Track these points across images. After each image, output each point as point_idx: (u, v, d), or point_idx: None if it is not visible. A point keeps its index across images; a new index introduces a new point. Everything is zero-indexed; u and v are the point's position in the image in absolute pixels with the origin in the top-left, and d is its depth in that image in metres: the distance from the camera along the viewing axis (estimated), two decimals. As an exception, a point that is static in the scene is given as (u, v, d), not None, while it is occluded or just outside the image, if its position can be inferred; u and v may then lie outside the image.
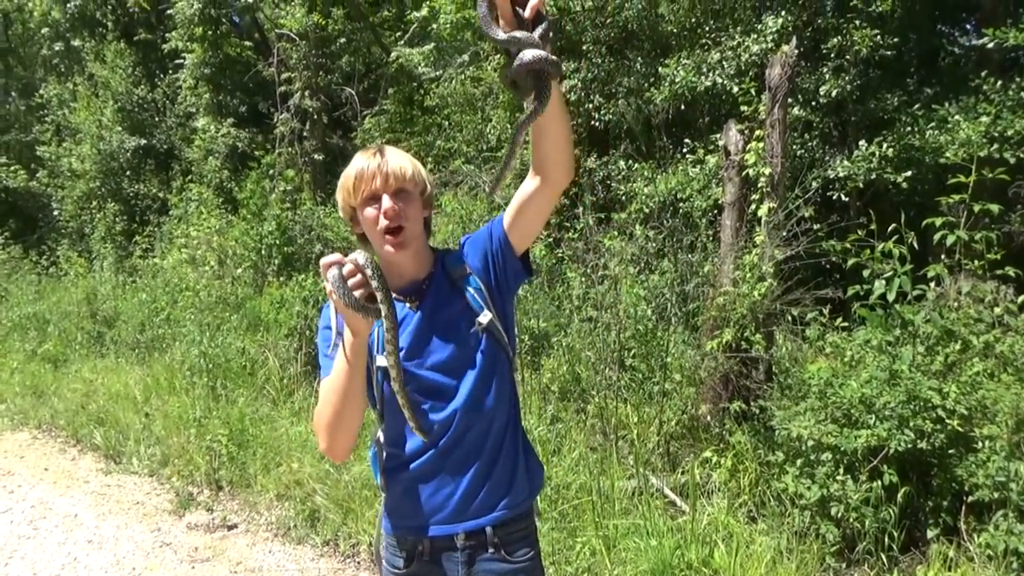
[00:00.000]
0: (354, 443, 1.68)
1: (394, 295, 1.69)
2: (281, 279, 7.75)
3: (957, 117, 7.09)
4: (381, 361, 1.65)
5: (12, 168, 16.66)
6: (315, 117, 11.42)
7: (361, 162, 1.66)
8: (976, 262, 4.25)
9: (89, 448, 6.12)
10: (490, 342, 1.69)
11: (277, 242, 8.20)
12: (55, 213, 15.58)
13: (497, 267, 1.71)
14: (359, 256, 1.48)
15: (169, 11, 12.81)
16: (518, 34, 1.39)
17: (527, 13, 1.39)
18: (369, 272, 1.47)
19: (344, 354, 1.54)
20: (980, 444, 3.57)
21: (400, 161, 1.67)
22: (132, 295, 9.48)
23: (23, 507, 4.98)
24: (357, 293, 1.45)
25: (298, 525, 4.42)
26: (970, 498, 3.46)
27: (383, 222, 1.64)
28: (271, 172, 9.54)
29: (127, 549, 4.31)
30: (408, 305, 1.71)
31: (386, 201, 1.64)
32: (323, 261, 1.48)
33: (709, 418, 4.62)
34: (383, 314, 1.49)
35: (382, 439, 1.74)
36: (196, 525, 4.60)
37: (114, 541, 4.42)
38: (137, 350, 8.17)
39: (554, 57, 1.39)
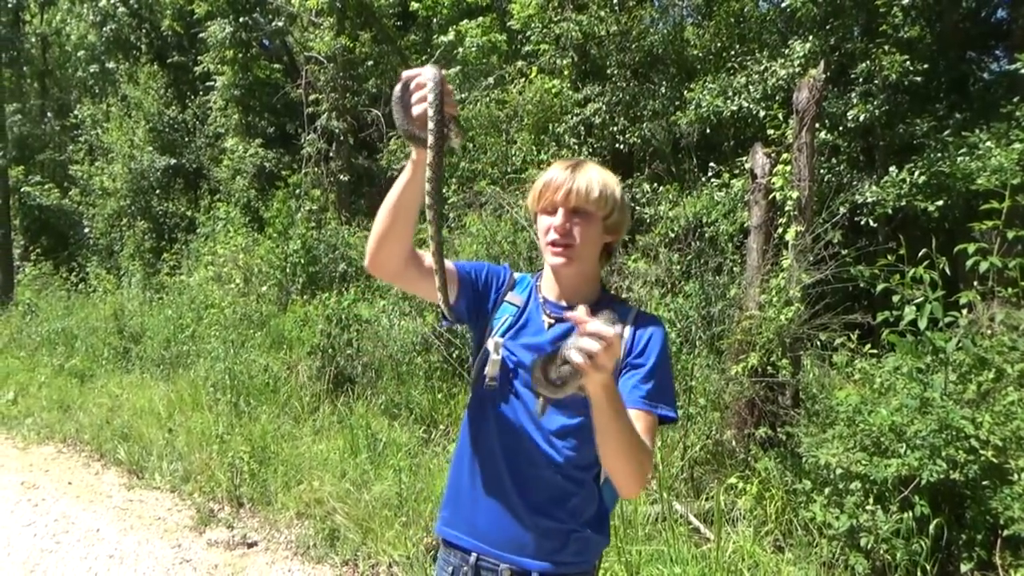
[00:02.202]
0: (391, 265, 1.63)
1: (541, 302, 1.70)
2: (305, 297, 7.81)
3: (989, 143, 7.00)
4: (489, 344, 1.65)
5: (46, 186, 17.04)
6: (341, 138, 11.57)
7: (554, 172, 1.64)
8: (1010, 289, 4.17)
9: (113, 463, 6.16)
10: None
11: (302, 261, 8.28)
12: (86, 230, 15.88)
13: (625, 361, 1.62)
14: (428, 71, 1.44)
15: (201, 35, 13.11)
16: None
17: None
18: (431, 94, 1.42)
19: (408, 164, 1.53)
20: (1016, 476, 3.47)
21: (590, 180, 1.61)
22: (158, 312, 9.59)
23: (46, 520, 5.01)
24: (416, 109, 1.44)
25: (318, 544, 4.39)
26: (1006, 532, 3.35)
27: (552, 235, 1.61)
28: (297, 192, 9.66)
29: (148, 565, 4.31)
30: (545, 320, 1.68)
31: (559, 217, 1.60)
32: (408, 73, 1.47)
33: (734, 443, 4.55)
34: (428, 143, 1.43)
35: (466, 420, 1.74)
36: (216, 542, 4.60)
37: (135, 557, 4.42)
38: (162, 366, 8.24)
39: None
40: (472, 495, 1.69)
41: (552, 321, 1.67)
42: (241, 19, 12.30)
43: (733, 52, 8.77)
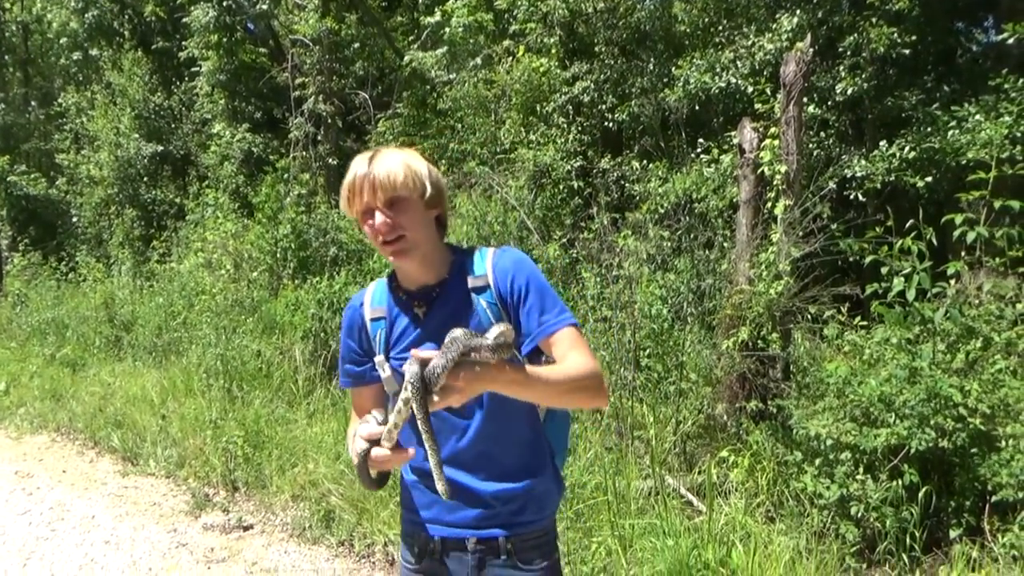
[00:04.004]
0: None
1: (403, 297, 1.70)
2: (296, 282, 7.78)
3: (978, 117, 6.99)
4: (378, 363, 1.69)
5: (32, 176, 16.87)
6: (329, 121, 11.47)
7: (353, 172, 1.60)
8: (997, 259, 4.19)
9: (107, 450, 6.16)
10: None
11: (292, 246, 8.23)
12: (74, 219, 15.74)
13: (511, 308, 1.65)
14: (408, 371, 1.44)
15: (185, 19, 12.94)
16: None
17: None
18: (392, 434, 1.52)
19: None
20: (1003, 443, 3.51)
21: (390, 168, 1.57)
22: (149, 299, 9.55)
23: (42, 509, 5.01)
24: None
25: (313, 526, 4.41)
26: (993, 498, 3.40)
27: (380, 237, 1.59)
28: (286, 176, 9.59)
29: (144, 550, 4.32)
30: (417, 310, 1.67)
31: (378, 217, 1.57)
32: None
33: (726, 417, 4.58)
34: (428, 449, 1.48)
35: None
36: (212, 526, 4.61)
37: (131, 542, 4.44)
38: (154, 353, 8.22)
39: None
40: (427, 496, 1.72)
41: (425, 309, 1.67)
42: (225, 3, 12.13)
43: (721, 27, 8.72)
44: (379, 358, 1.67)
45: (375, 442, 1.53)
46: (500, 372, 1.42)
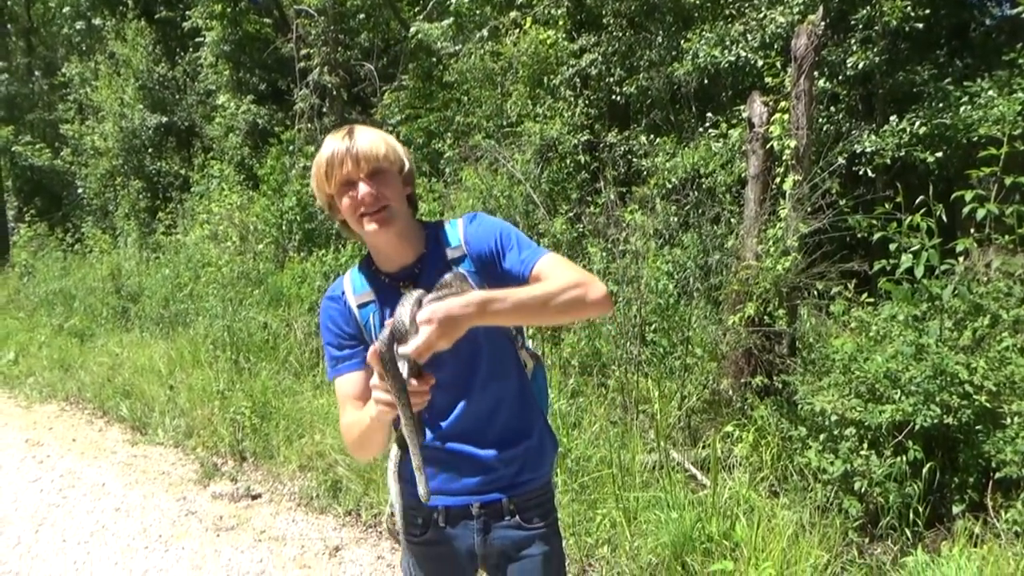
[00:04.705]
0: (380, 452, 1.72)
1: (386, 280, 1.68)
2: (302, 254, 7.79)
3: (991, 92, 6.90)
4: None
5: (37, 147, 16.85)
6: (334, 93, 11.39)
7: (330, 147, 1.58)
8: (1007, 236, 4.16)
9: (116, 420, 6.22)
10: (488, 326, 1.56)
11: (298, 218, 8.24)
12: (79, 191, 15.75)
13: (496, 266, 1.65)
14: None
15: (188, -12, 12.82)
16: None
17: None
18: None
19: (372, 415, 1.53)
20: (1009, 420, 3.51)
21: (371, 141, 1.58)
22: (156, 271, 9.58)
23: (52, 476, 5.08)
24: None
25: (320, 495, 4.47)
26: (997, 474, 3.41)
27: (362, 207, 1.56)
28: (291, 148, 9.55)
29: (154, 517, 4.38)
30: (403, 290, 1.62)
31: (362, 187, 1.55)
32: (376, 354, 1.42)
33: (731, 393, 4.59)
34: (402, 416, 1.46)
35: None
36: (221, 495, 4.67)
37: (141, 509, 4.50)
38: (161, 324, 8.27)
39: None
40: (430, 465, 1.68)
41: (411, 286, 1.62)
42: (228, -28, 12.04)
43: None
44: (376, 346, 1.59)
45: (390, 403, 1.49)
46: (469, 296, 1.43)
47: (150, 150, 14.48)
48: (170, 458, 5.36)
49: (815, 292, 4.70)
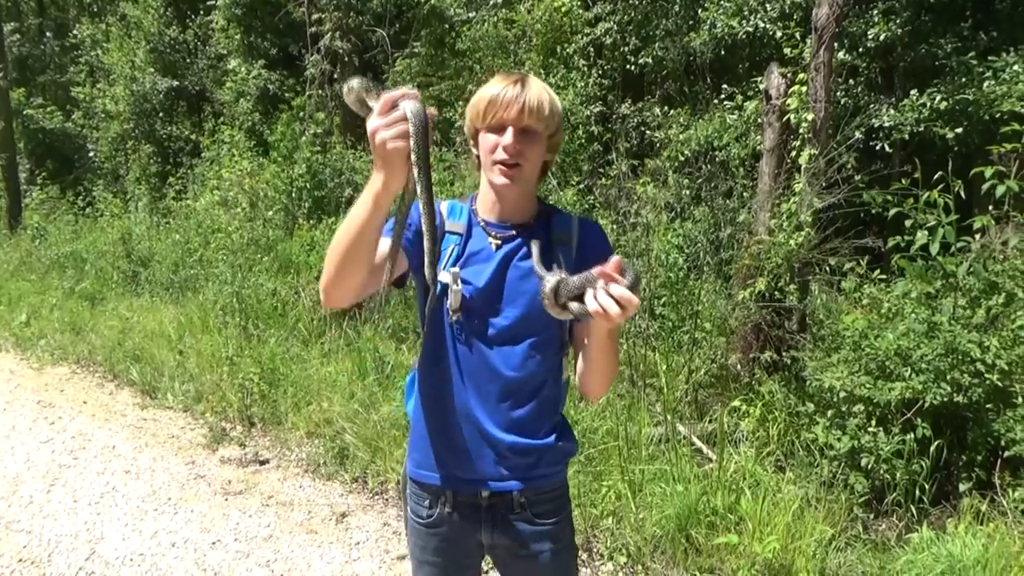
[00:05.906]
0: (348, 298, 1.58)
1: (482, 225, 1.64)
2: (312, 222, 7.77)
3: (1016, 67, 6.74)
4: (444, 277, 1.58)
5: (48, 109, 16.81)
6: (346, 59, 11.26)
7: (499, 87, 1.54)
8: (1025, 214, 4.10)
9: (126, 383, 6.27)
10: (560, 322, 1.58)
11: (307, 185, 8.20)
12: (91, 154, 15.73)
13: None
14: (409, 106, 1.32)
15: (200, -51, 12.67)
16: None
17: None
18: (412, 128, 1.31)
19: (369, 198, 1.39)
20: (1020, 399, 3.49)
21: (540, 96, 1.54)
22: (166, 236, 9.59)
23: (63, 438, 5.13)
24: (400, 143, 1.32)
25: (328, 462, 4.50)
26: (1006, 453, 3.40)
27: (501, 154, 1.54)
28: (301, 115, 9.48)
29: (163, 480, 4.43)
30: (491, 241, 1.63)
31: (508, 136, 1.53)
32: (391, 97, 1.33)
33: (739, 367, 4.58)
34: (415, 177, 1.34)
35: (419, 364, 1.69)
36: (229, 459, 4.71)
37: (151, 472, 4.55)
38: (171, 290, 8.30)
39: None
40: (442, 436, 1.66)
41: (499, 242, 1.62)
42: (240, -67, 11.87)
43: (751, -33, 8.41)
44: (454, 271, 1.60)
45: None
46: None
47: (161, 114, 14.41)
48: (179, 422, 5.41)
49: (827, 268, 4.65)
